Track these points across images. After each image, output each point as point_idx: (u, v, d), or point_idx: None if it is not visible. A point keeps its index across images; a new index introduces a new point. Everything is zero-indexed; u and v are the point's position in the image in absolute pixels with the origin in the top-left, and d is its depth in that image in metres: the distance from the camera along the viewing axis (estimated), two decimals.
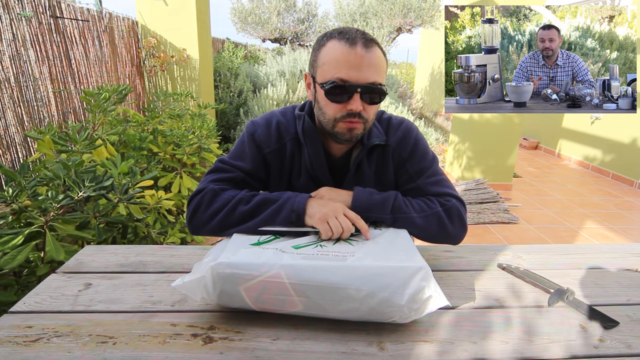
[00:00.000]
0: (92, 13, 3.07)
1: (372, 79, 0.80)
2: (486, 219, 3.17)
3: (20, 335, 0.63)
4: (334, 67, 0.80)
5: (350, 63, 0.79)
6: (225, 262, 0.65)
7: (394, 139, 0.95)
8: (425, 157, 0.96)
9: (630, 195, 3.93)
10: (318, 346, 0.63)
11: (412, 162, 0.95)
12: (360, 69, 0.79)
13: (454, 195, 0.92)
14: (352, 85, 0.80)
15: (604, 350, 0.64)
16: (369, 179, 0.95)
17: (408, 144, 0.95)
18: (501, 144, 3.85)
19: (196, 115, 2.90)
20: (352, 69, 0.79)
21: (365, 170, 0.94)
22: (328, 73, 0.81)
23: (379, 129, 0.95)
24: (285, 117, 0.95)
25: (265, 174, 0.94)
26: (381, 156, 0.95)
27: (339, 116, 0.83)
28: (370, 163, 0.95)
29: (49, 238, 1.19)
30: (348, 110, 0.82)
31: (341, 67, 0.79)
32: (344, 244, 0.74)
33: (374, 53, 0.81)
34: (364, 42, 0.80)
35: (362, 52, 0.79)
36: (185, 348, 0.62)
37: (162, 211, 1.99)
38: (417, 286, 0.63)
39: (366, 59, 0.79)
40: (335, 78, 0.80)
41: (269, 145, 0.92)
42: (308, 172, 0.94)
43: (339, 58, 0.80)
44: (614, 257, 0.97)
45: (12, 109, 2.25)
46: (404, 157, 0.95)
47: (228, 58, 5.55)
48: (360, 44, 0.79)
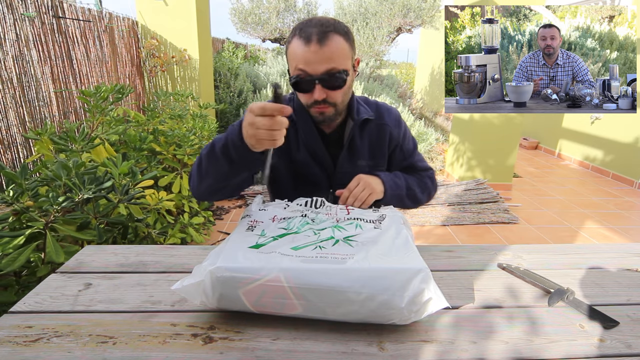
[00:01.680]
0: (93, 13, 3.07)
1: (329, 68, 0.88)
2: (486, 219, 3.17)
3: (20, 335, 0.64)
4: (295, 64, 0.90)
5: (306, 59, 0.88)
6: (224, 266, 0.65)
7: (389, 119, 1.09)
8: (411, 139, 1.17)
9: (630, 195, 3.93)
10: (318, 346, 0.63)
11: (405, 143, 1.13)
12: (315, 62, 0.88)
13: (431, 168, 1.19)
14: (310, 78, 0.89)
15: (604, 350, 0.64)
16: (362, 153, 1.06)
17: (401, 126, 1.12)
18: (501, 144, 3.85)
19: (197, 116, 2.90)
20: (308, 64, 0.88)
21: (358, 144, 1.05)
22: (292, 68, 0.92)
23: (365, 108, 1.07)
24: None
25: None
26: (375, 132, 1.07)
27: (309, 103, 0.95)
28: (362, 137, 1.06)
29: (50, 239, 1.19)
30: (314, 99, 0.92)
31: (299, 63, 0.89)
32: (343, 245, 0.74)
33: (329, 45, 0.88)
34: (319, 37, 0.87)
35: (315, 47, 0.87)
36: (185, 348, 0.62)
37: (162, 211, 1.99)
38: (417, 289, 0.63)
39: (320, 52, 0.87)
40: (295, 73, 0.91)
41: None
42: (305, 146, 1.04)
43: (297, 54, 0.89)
44: (614, 257, 0.97)
45: (14, 109, 2.25)
46: (400, 138, 1.11)
47: (228, 58, 5.55)
48: (314, 39, 0.87)
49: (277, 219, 0.85)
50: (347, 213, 0.88)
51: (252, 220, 0.84)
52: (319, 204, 0.91)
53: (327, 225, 0.82)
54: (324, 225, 0.82)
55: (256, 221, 0.83)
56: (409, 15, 6.19)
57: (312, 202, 0.91)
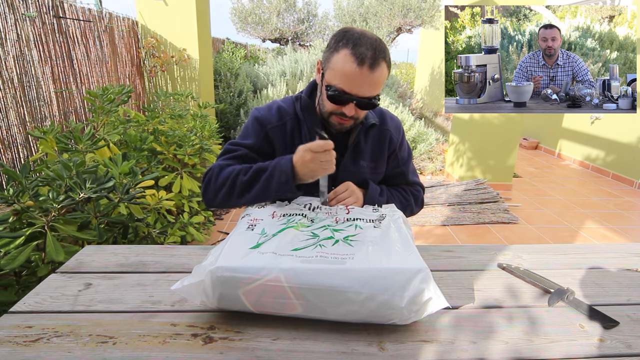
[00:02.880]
0: (93, 13, 3.07)
1: (369, 94, 0.91)
2: (486, 219, 3.17)
3: (20, 335, 0.64)
4: (339, 78, 0.89)
5: (353, 81, 0.88)
6: (224, 266, 0.65)
7: (392, 124, 1.11)
8: (407, 149, 1.17)
9: (630, 195, 3.93)
10: (318, 346, 0.63)
11: (401, 150, 1.14)
12: (361, 86, 0.89)
13: (422, 184, 1.20)
14: (350, 97, 0.90)
15: (604, 350, 0.64)
16: (365, 155, 1.07)
17: (400, 133, 1.14)
18: (501, 144, 3.85)
19: (198, 116, 2.90)
20: (353, 86, 0.89)
21: (362, 148, 1.06)
22: (333, 79, 0.91)
23: (371, 113, 1.07)
24: (285, 103, 1.07)
25: (270, 149, 1.04)
26: (377, 136, 1.09)
27: (334, 113, 0.95)
28: (366, 141, 1.07)
29: (50, 239, 1.19)
30: (342, 112, 0.93)
31: (345, 81, 0.89)
32: (343, 244, 0.74)
33: (378, 72, 0.89)
34: (371, 63, 0.87)
35: (367, 72, 0.87)
36: (185, 348, 0.62)
37: (162, 211, 1.99)
38: (417, 289, 0.63)
39: (369, 79, 0.88)
40: (337, 87, 0.90)
41: (270, 122, 1.03)
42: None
43: (345, 72, 0.88)
44: (614, 257, 0.97)
45: (14, 109, 2.25)
46: (397, 144, 1.12)
47: (228, 58, 5.55)
48: (367, 64, 0.87)
49: (276, 215, 0.85)
50: (347, 212, 0.88)
51: (252, 219, 0.84)
52: (318, 208, 0.92)
53: (327, 223, 0.82)
54: (323, 224, 0.82)
55: (256, 219, 0.83)
56: (409, 15, 6.19)
57: (310, 206, 0.92)
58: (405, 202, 1.12)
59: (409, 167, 1.17)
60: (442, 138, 5.58)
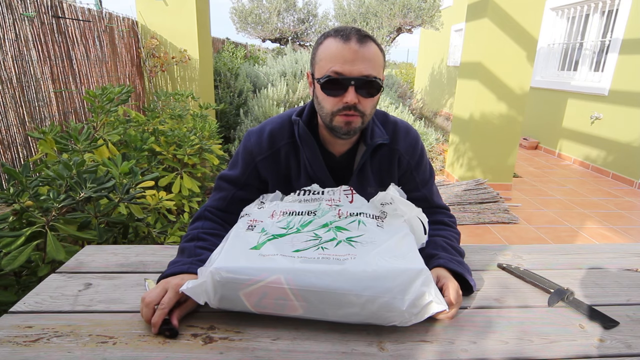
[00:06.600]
0: (93, 13, 3.07)
1: (366, 72, 0.83)
2: (486, 219, 3.17)
3: (20, 335, 0.64)
4: (329, 62, 0.84)
5: (344, 57, 0.82)
6: (225, 268, 0.65)
7: (404, 144, 0.99)
8: (428, 168, 1.04)
9: (630, 195, 3.93)
10: (318, 346, 0.63)
11: (419, 171, 1.01)
12: (353, 62, 0.82)
13: (447, 207, 1.05)
14: (346, 79, 0.83)
15: (604, 350, 0.64)
16: (371, 179, 0.98)
17: (416, 152, 1.01)
18: (501, 144, 3.85)
19: (198, 116, 2.90)
20: (345, 63, 0.82)
21: (368, 171, 0.97)
22: (324, 68, 0.85)
23: (381, 130, 0.97)
24: (280, 124, 0.98)
25: (259, 181, 0.98)
26: (385, 157, 0.98)
27: (336, 109, 0.86)
28: (372, 162, 0.98)
29: (50, 238, 1.19)
30: (344, 104, 0.84)
31: (335, 61, 0.83)
32: (345, 245, 0.74)
33: (368, 48, 0.83)
34: (358, 38, 0.83)
35: (355, 46, 0.82)
36: (185, 348, 0.62)
37: (163, 211, 1.99)
38: (418, 291, 0.64)
39: (360, 53, 0.82)
40: (330, 72, 0.83)
41: (260, 152, 0.96)
42: (307, 174, 0.96)
43: (333, 53, 0.83)
44: (614, 257, 0.97)
45: (13, 109, 2.25)
46: (412, 164, 1.00)
47: (228, 58, 5.55)
48: (354, 39, 0.82)
49: (275, 214, 0.84)
50: (351, 202, 0.87)
51: (252, 219, 0.83)
52: (320, 192, 0.89)
53: (330, 219, 0.81)
54: (325, 220, 0.81)
55: (255, 220, 0.83)
56: (409, 15, 6.20)
57: (311, 191, 0.90)
58: (457, 237, 0.96)
59: (432, 189, 1.04)
60: (442, 138, 5.59)
